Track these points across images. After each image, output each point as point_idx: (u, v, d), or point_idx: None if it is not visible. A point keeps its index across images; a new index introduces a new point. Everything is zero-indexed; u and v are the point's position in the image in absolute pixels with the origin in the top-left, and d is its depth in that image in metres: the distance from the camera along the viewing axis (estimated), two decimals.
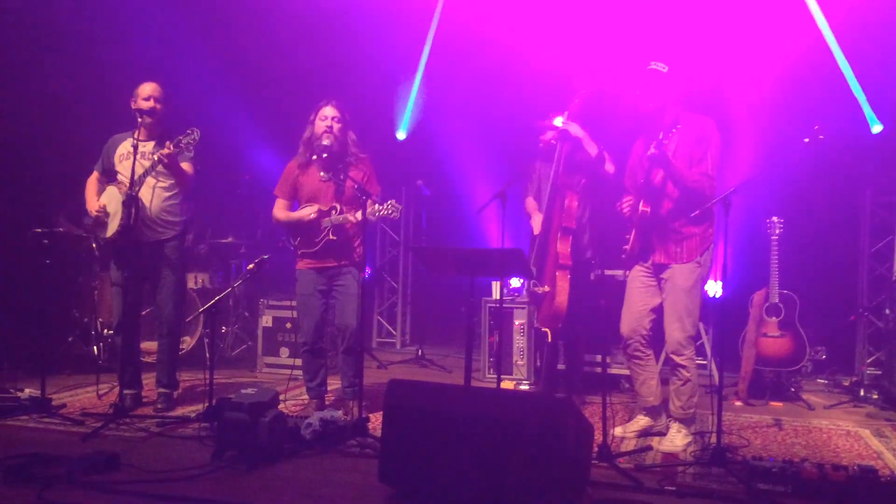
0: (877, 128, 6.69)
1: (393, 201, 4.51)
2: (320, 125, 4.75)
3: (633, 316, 4.40)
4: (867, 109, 6.59)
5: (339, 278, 4.82)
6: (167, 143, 4.65)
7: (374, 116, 7.55)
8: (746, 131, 6.48)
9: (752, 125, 6.50)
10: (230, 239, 7.22)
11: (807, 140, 3.82)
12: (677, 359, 4.23)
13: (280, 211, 4.93)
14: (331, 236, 4.72)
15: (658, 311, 4.35)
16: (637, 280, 4.43)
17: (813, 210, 6.73)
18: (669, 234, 4.27)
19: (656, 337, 4.41)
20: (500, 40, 7.45)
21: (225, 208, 7.43)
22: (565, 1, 7.05)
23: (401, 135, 8.16)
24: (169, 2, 7.21)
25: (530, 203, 5.55)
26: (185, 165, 4.85)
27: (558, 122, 5.19)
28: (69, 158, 6.53)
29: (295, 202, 4.95)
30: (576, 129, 4.96)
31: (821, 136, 3.80)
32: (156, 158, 4.67)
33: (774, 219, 5.63)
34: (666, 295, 4.29)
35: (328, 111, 4.77)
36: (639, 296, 4.40)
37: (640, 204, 4.25)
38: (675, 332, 4.22)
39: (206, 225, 7.24)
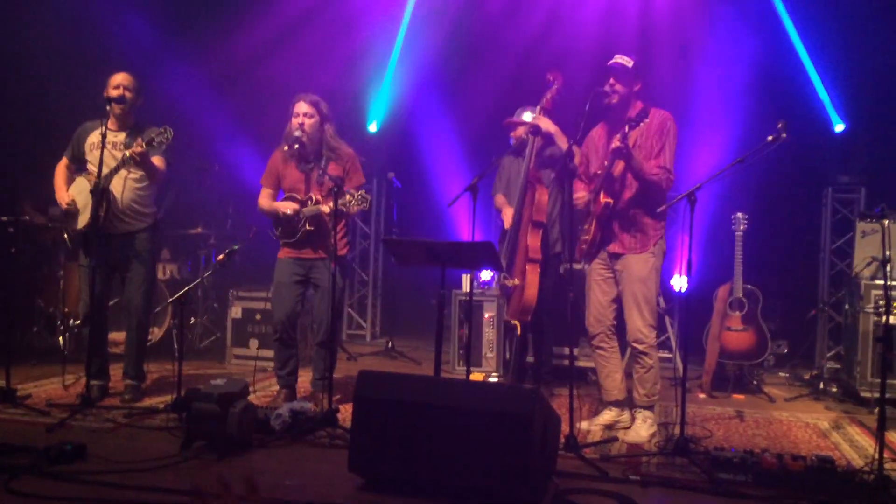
0: (839, 127, 6.85)
1: (362, 192, 4.53)
2: (294, 121, 4.78)
3: (597, 308, 4.49)
4: (830, 109, 6.74)
5: (315, 270, 4.83)
6: (139, 140, 4.60)
7: (346, 108, 7.55)
8: (711, 127, 6.60)
9: (717, 121, 6.62)
10: (199, 229, 7.15)
11: (771, 138, 3.90)
12: (639, 346, 4.32)
13: (264, 200, 4.96)
14: (308, 227, 4.75)
15: (619, 301, 4.44)
16: (595, 273, 4.51)
17: (777, 206, 6.88)
18: (626, 225, 4.35)
19: (620, 329, 4.49)
20: (474, 32, 7.50)
21: (194, 198, 7.37)
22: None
23: (372, 127, 8.16)
24: None
25: (500, 199, 5.59)
26: (157, 159, 4.79)
27: (528, 116, 5.24)
28: (35, 144, 6.45)
29: (280, 192, 4.97)
30: (547, 124, 5.02)
31: (784, 135, 3.88)
32: (127, 155, 4.61)
33: (739, 214, 5.73)
34: (623, 285, 4.37)
35: (300, 107, 4.79)
36: (599, 288, 4.49)
37: (601, 195, 4.31)
38: (635, 320, 4.31)
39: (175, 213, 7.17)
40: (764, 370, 6.08)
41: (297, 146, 4.70)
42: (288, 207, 4.76)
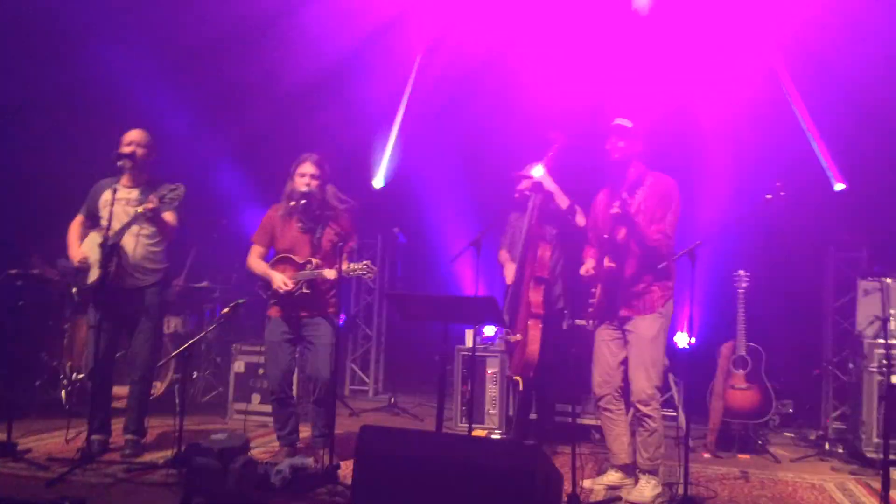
0: (839, 186, 6.92)
1: (368, 262, 4.55)
2: (299, 181, 4.79)
3: (604, 369, 4.47)
4: (827, 169, 6.82)
5: (310, 327, 4.80)
6: (151, 197, 4.65)
7: (351, 164, 7.66)
8: (712, 186, 6.67)
9: (718, 180, 6.70)
10: (205, 283, 7.20)
11: (769, 196, 3.96)
12: (644, 409, 4.29)
13: (254, 259, 4.92)
14: (304, 290, 4.71)
15: (626, 363, 4.42)
16: (604, 334, 4.51)
17: (779, 264, 6.90)
18: (633, 288, 4.37)
19: (628, 390, 4.47)
20: (477, 90, 7.65)
21: (200, 252, 7.44)
22: (541, 56, 7.26)
23: (378, 183, 8.27)
24: (156, 50, 7.32)
25: (503, 255, 5.63)
26: (169, 216, 4.85)
27: (535, 171, 5.32)
28: (46, 198, 6.55)
29: (270, 250, 4.98)
30: (549, 183, 5.10)
31: (782, 193, 3.95)
32: (140, 211, 4.66)
33: (741, 272, 5.77)
34: (630, 346, 4.37)
35: (306, 167, 4.80)
36: (607, 350, 4.47)
37: (606, 260, 4.36)
38: (640, 381, 4.29)
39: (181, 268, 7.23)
40: (769, 429, 6.03)
41: (303, 202, 4.75)
42: (284, 285, 4.68)
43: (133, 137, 4.90)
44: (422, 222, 8.07)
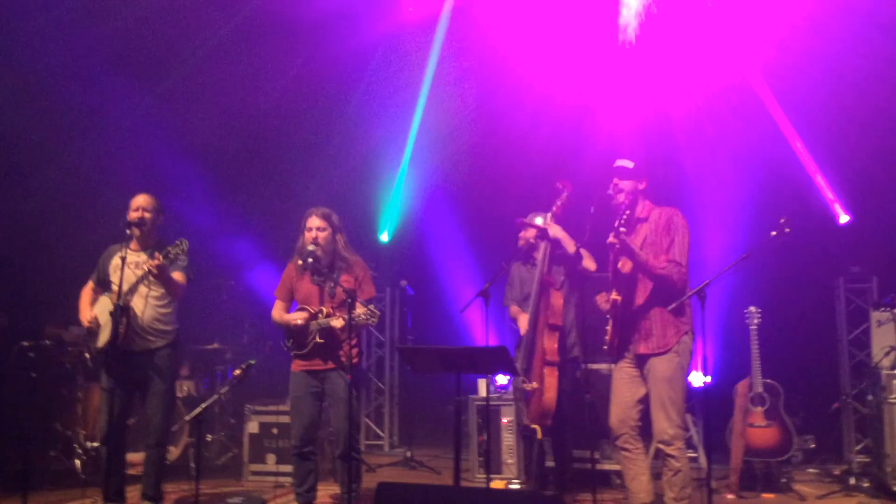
0: (844, 218, 6.95)
1: (372, 307, 4.59)
2: (307, 235, 4.87)
3: (621, 408, 4.41)
4: (834, 203, 6.87)
5: (329, 381, 4.83)
6: (156, 253, 4.68)
7: (358, 219, 7.73)
8: (720, 223, 6.71)
9: (725, 217, 6.73)
10: (215, 345, 7.20)
11: (774, 234, 3.98)
12: (666, 449, 4.24)
13: (277, 312, 5.02)
14: (318, 339, 4.75)
15: (645, 401, 4.37)
16: (622, 371, 4.46)
17: (790, 299, 6.89)
18: (646, 324, 4.33)
19: (646, 430, 4.42)
20: (483, 140, 7.76)
21: (210, 314, 7.46)
22: (542, 104, 7.38)
23: (384, 237, 8.33)
24: (158, 111, 7.47)
25: (513, 309, 5.57)
26: (177, 275, 4.88)
27: (539, 220, 5.34)
28: (58, 267, 6.61)
29: (293, 303, 5.03)
30: (556, 230, 5.12)
31: (787, 230, 3.96)
32: (145, 269, 4.70)
33: (752, 308, 5.74)
34: (650, 386, 4.32)
35: (313, 221, 4.88)
36: (625, 387, 4.42)
37: (613, 293, 4.33)
38: (661, 421, 4.24)
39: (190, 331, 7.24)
40: (792, 466, 5.93)
41: (311, 260, 4.80)
42: (298, 318, 4.79)
43: (140, 202, 4.96)
44: (429, 274, 8.11)
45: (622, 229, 4.14)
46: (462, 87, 7.79)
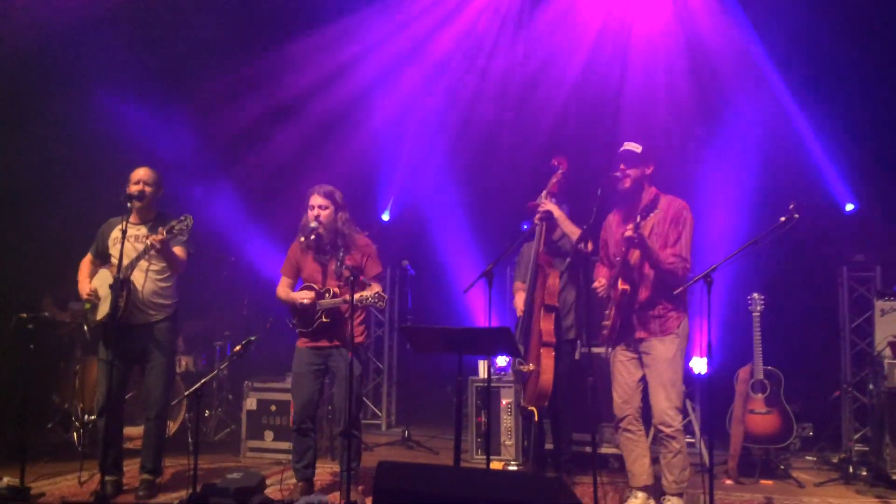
0: (849, 206, 6.91)
1: (379, 291, 4.57)
2: (309, 213, 4.84)
3: (624, 389, 4.46)
4: (838, 190, 6.82)
5: (333, 358, 4.81)
6: (160, 228, 4.66)
7: (360, 198, 7.69)
8: (724, 210, 6.67)
9: (730, 204, 6.69)
10: (215, 321, 7.19)
11: (783, 219, 3.94)
12: (666, 430, 4.26)
13: (282, 289, 4.99)
14: (324, 318, 4.73)
15: (644, 384, 4.42)
16: (619, 355, 4.51)
17: (793, 286, 6.86)
18: (647, 311, 4.37)
19: (645, 415, 4.43)
20: (487, 119, 7.70)
21: (210, 290, 7.43)
22: (550, 83, 7.31)
23: (386, 216, 8.28)
24: (160, 85, 7.39)
25: (517, 285, 5.58)
26: (178, 250, 4.87)
27: (543, 201, 5.29)
28: (57, 242, 6.57)
29: (299, 281, 5.00)
30: (552, 208, 5.08)
31: (796, 216, 3.92)
32: (148, 244, 4.67)
33: (755, 295, 5.71)
34: (649, 368, 4.36)
35: (315, 199, 4.84)
36: (625, 370, 4.47)
37: (619, 282, 4.34)
38: (660, 402, 4.27)
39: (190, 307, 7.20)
40: (791, 454, 5.93)
41: (313, 237, 4.77)
42: (305, 297, 4.76)
43: (141, 176, 4.94)
44: (430, 254, 8.07)
45: (641, 222, 4.15)
46: (468, 64, 7.71)
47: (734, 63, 6.96)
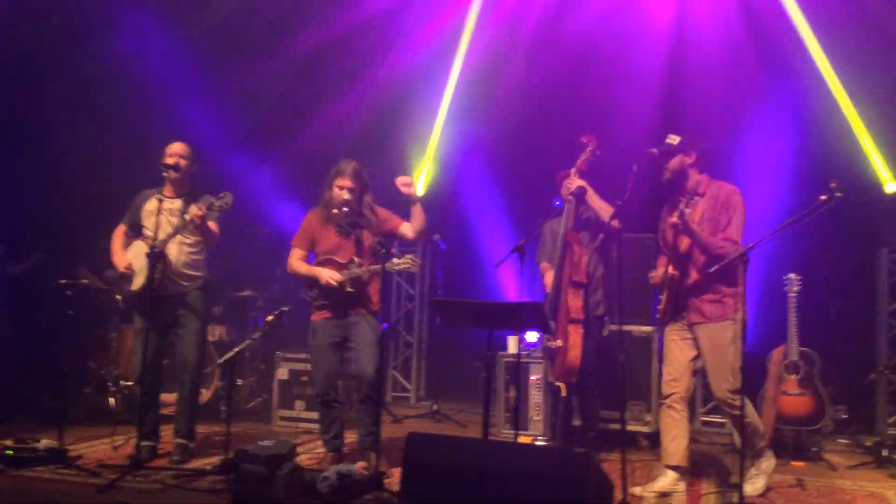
0: (891, 186, 6.74)
1: (413, 255, 4.58)
2: (336, 192, 4.85)
3: (675, 367, 4.50)
4: (882, 169, 6.65)
5: (354, 327, 4.83)
6: (200, 205, 4.74)
7: (393, 170, 7.66)
8: (761, 188, 6.53)
9: (767, 182, 6.56)
10: (248, 292, 7.26)
11: (824, 197, 3.87)
12: (729, 410, 4.36)
13: (297, 261, 4.98)
14: (348, 289, 4.76)
15: (697, 363, 4.47)
16: (673, 333, 4.54)
17: (831, 267, 6.73)
18: (703, 296, 4.40)
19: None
20: (520, 94, 7.62)
21: (243, 261, 7.50)
22: (585, 59, 7.21)
23: (419, 190, 8.26)
24: (195, 58, 7.43)
25: (544, 265, 5.54)
26: (212, 224, 4.96)
27: (575, 178, 5.24)
28: (93, 211, 6.67)
29: (311, 254, 5.02)
30: (577, 182, 5.04)
31: (838, 195, 3.85)
32: (187, 219, 4.77)
33: (792, 275, 5.62)
34: (705, 353, 4.39)
35: (344, 180, 4.83)
36: (676, 347, 4.51)
37: (669, 268, 4.41)
38: (720, 384, 4.33)
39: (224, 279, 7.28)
40: (823, 436, 5.85)
41: (345, 209, 4.78)
42: (332, 278, 4.74)
43: (176, 149, 5.02)
44: (462, 229, 8.05)
45: (686, 210, 4.20)
46: (504, 38, 7.62)
47: (779, 38, 6.79)
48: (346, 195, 4.79)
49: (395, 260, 4.56)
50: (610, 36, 7.10)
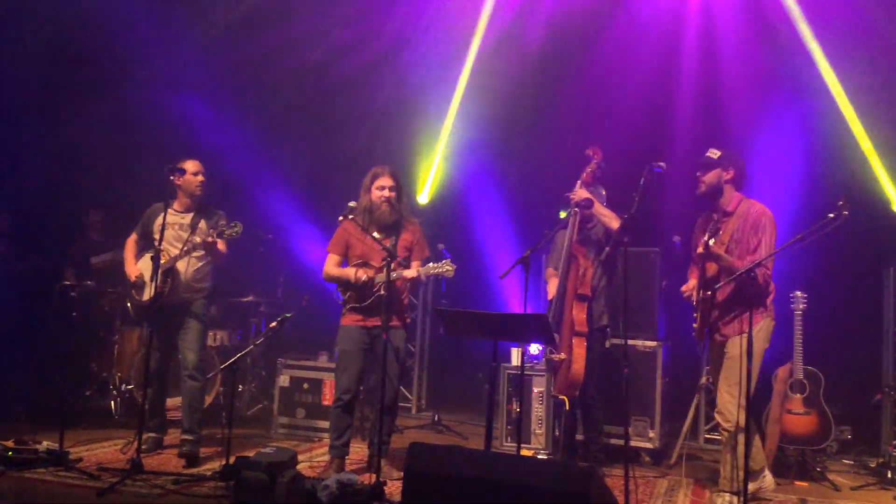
0: None
1: (448, 260, 4.59)
2: (377, 194, 4.88)
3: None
4: (890, 187, 6.63)
5: (383, 339, 4.75)
6: (211, 232, 4.97)
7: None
8: (769, 205, 6.52)
9: (775, 199, 6.53)
10: (250, 297, 7.25)
11: (831, 215, 3.86)
12: (724, 424, 4.45)
13: (331, 267, 5.01)
14: (381, 292, 4.71)
15: None
16: (713, 353, 4.73)
17: (837, 286, 6.68)
18: (730, 314, 4.52)
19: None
20: (525, 104, 7.61)
21: (246, 267, 7.49)
22: (594, 71, 7.20)
23: (423, 198, 8.26)
24: (198, 58, 7.47)
25: (549, 272, 5.54)
26: (220, 243, 5.10)
27: (581, 190, 5.23)
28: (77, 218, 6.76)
29: (345, 261, 5.03)
30: (583, 194, 5.03)
31: (845, 213, 3.84)
32: (198, 241, 5.01)
33: (798, 293, 5.60)
34: (723, 364, 4.53)
35: (385, 181, 4.90)
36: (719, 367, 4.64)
37: (700, 292, 4.53)
38: (722, 395, 4.48)
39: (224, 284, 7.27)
40: (827, 456, 5.81)
41: (388, 209, 4.86)
42: (362, 273, 4.79)
43: (198, 167, 5.24)
44: (466, 239, 8.03)
45: (711, 241, 4.27)
46: (511, 46, 7.62)
47: (790, 56, 6.79)
48: (387, 193, 4.87)
49: (431, 265, 4.58)
50: (621, 48, 7.09)
